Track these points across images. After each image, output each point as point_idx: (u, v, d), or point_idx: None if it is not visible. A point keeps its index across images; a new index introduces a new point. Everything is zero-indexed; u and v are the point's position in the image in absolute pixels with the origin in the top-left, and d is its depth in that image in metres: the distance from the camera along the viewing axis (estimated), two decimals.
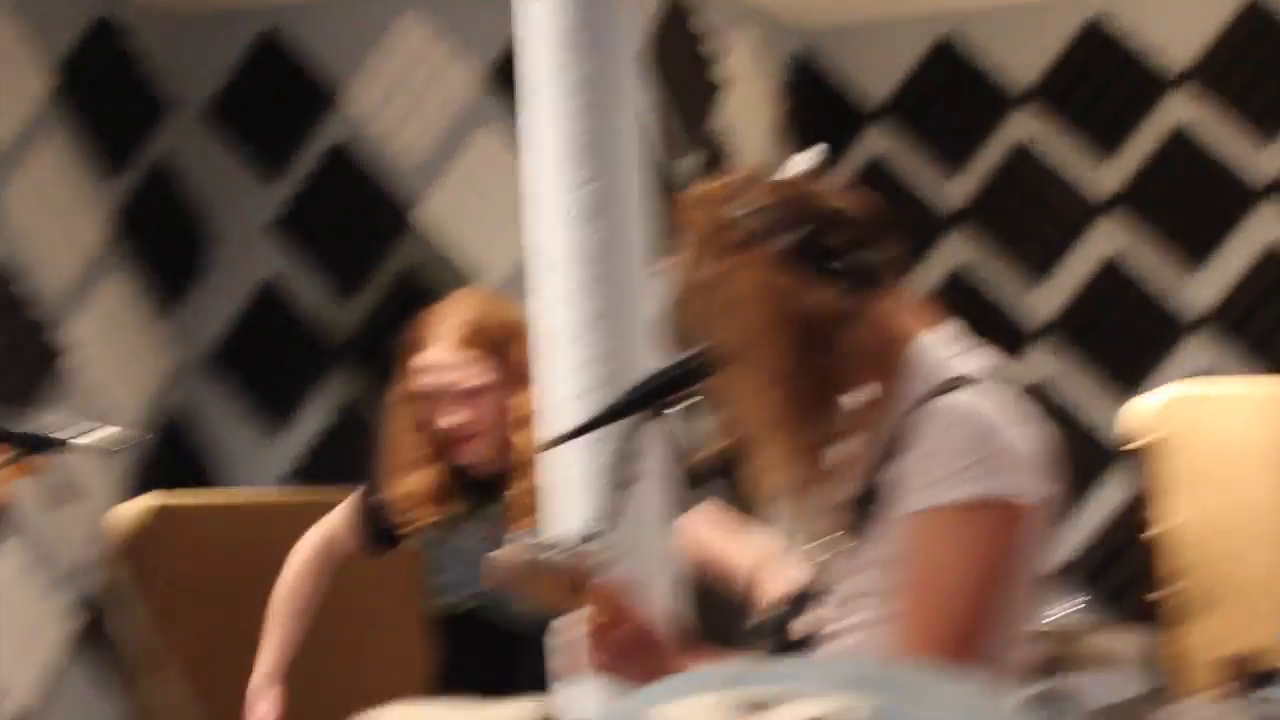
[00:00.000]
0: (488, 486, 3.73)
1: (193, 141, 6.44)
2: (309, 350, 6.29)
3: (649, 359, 3.11)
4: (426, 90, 6.17)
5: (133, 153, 6.24)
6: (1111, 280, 6.60)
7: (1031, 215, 6.67)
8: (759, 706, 1.07)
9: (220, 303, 6.42)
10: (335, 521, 3.87)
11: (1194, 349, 6.55)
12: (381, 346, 6.04)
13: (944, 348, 2.70)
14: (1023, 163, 6.67)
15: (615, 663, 2.49)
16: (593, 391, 3.07)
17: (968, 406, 2.58)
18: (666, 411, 2.79)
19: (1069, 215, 6.65)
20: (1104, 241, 6.58)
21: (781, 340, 2.56)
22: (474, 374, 3.63)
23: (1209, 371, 6.28)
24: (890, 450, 2.60)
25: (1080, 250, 6.63)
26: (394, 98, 6.22)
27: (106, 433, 2.69)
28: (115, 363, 6.03)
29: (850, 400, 2.63)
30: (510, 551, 2.36)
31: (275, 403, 6.33)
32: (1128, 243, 6.57)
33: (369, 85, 6.25)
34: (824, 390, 2.61)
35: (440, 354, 3.64)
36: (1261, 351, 6.40)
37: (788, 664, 1.20)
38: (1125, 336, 6.60)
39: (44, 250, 5.78)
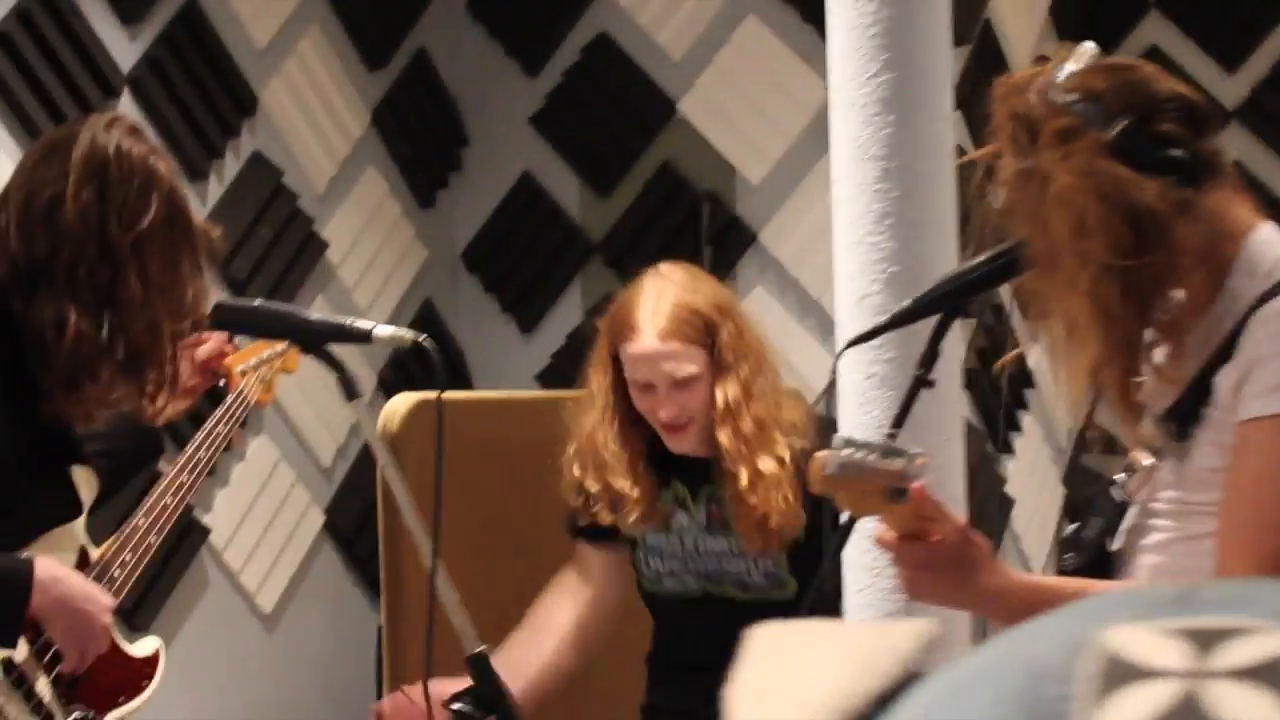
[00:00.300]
0: (697, 469, 3.67)
1: (453, 34, 6.39)
2: (566, 246, 6.25)
3: (944, 258, 3.02)
4: None
5: (393, 46, 6.21)
6: None
7: None
8: (1213, 637, 0.95)
9: (477, 198, 6.40)
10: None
11: None
12: (641, 246, 6.05)
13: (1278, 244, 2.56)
14: None
15: (923, 576, 2.41)
16: (884, 290, 2.99)
17: None
18: (968, 312, 2.71)
19: None
20: None
21: (1110, 234, 2.44)
22: (687, 363, 3.56)
23: None
24: (1223, 352, 2.47)
25: None
26: None
27: (402, 330, 2.64)
28: (372, 257, 6.05)
29: (1178, 297, 2.51)
30: (828, 454, 2.28)
31: (530, 299, 6.30)
32: None
33: None
34: (1152, 288, 2.49)
35: (653, 343, 3.56)
36: None
37: (1234, 588, 1.06)
38: None
39: (305, 144, 5.80)
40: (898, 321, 2.69)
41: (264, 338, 2.77)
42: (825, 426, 3.56)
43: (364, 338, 2.66)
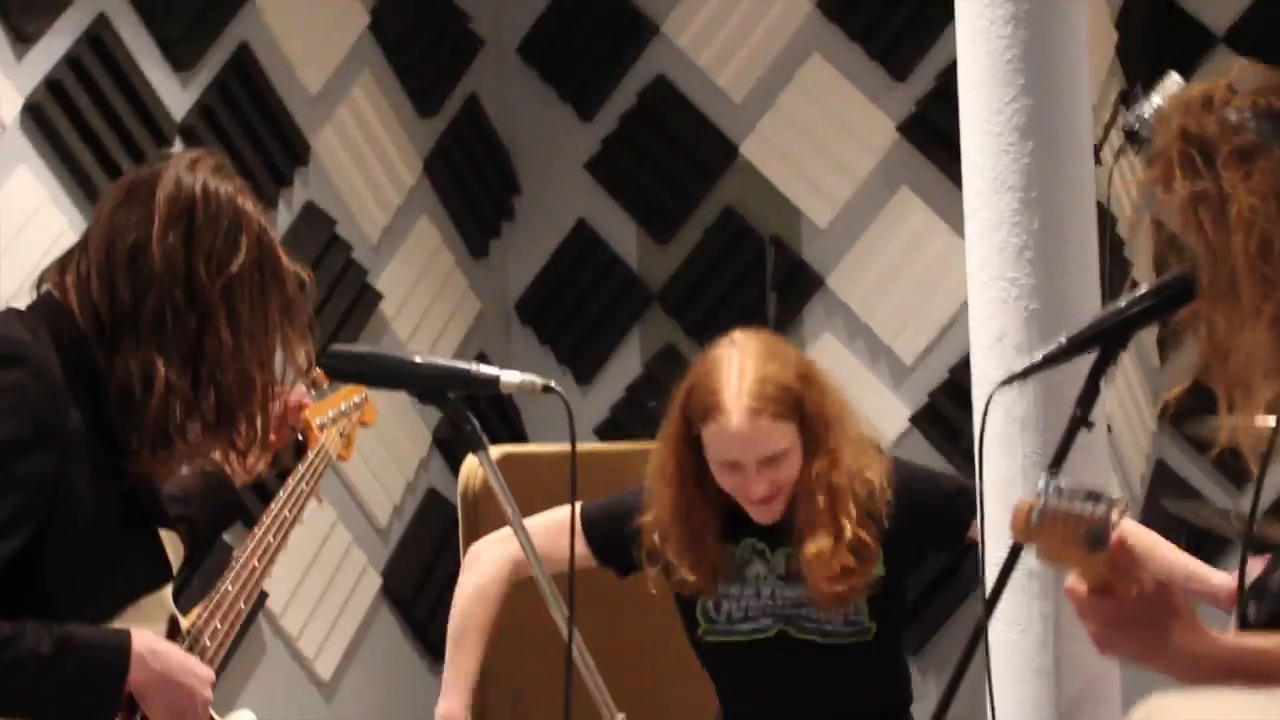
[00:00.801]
0: (776, 528, 3.60)
1: (505, 79, 6.32)
2: (623, 296, 6.14)
3: (1087, 293, 2.89)
4: (754, 15, 5.93)
5: (445, 92, 6.12)
6: None
7: None
8: None
9: (531, 247, 6.30)
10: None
11: None
12: (702, 293, 5.92)
13: None
14: None
15: (1115, 633, 2.25)
16: (1024, 328, 2.86)
17: None
18: (1125, 347, 2.58)
19: None
20: None
21: None
22: (778, 439, 3.49)
23: None
24: None
25: None
26: (715, 26, 6.00)
27: (532, 377, 2.51)
28: (426, 309, 5.94)
29: None
30: (1033, 500, 2.13)
31: (587, 350, 6.19)
32: None
33: (690, 13, 6.03)
34: None
35: (743, 424, 3.47)
36: None
37: None
38: None
39: (358, 193, 5.71)
40: (1055, 359, 2.57)
41: (378, 386, 2.63)
42: (902, 473, 3.62)
43: (491, 384, 2.54)
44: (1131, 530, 3.51)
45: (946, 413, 5.59)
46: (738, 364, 3.53)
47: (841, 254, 5.79)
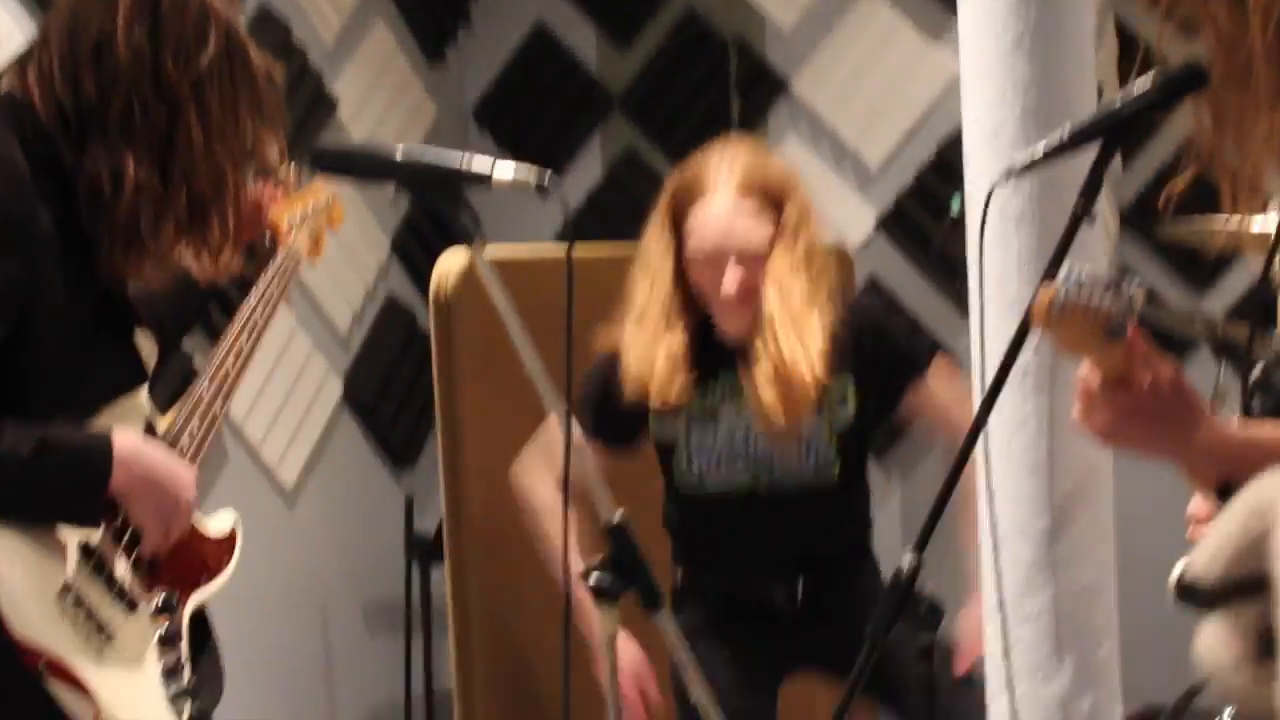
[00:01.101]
0: (743, 359, 3.61)
1: None
2: (583, 100, 6.08)
3: (1083, 84, 2.85)
4: None
5: None
6: None
7: None
8: None
9: (489, 50, 6.21)
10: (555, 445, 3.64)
11: None
12: (665, 98, 5.87)
13: None
14: None
15: (1130, 423, 2.23)
16: (1019, 121, 2.82)
17: None
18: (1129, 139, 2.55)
19: None
20: None
21: None
22: (758, 228, 3.54)
23: None
24: None
25: None
26: None
27: (525, 170, 2.47)
28: (382, 115, 5.86)
29: None
30: (1054, 289, 2.11)
31: (545, 156, 6.08)
32: None
33: None
34: None
35: (728, 206, 3.52)
36: None
37: None
38: None
39: None
40: (1057, 152, 2.55)
41: (368, 181, 2.59)
42: (865, 302, 3.87)
43: (483, 180, 2.52)
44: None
45: (914, 216, 5.56)
46: (729, 153, 3.59)
47: (806, 57, 5.74)
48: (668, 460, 3.73)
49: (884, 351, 3.70)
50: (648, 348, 3.59)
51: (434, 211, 5.96)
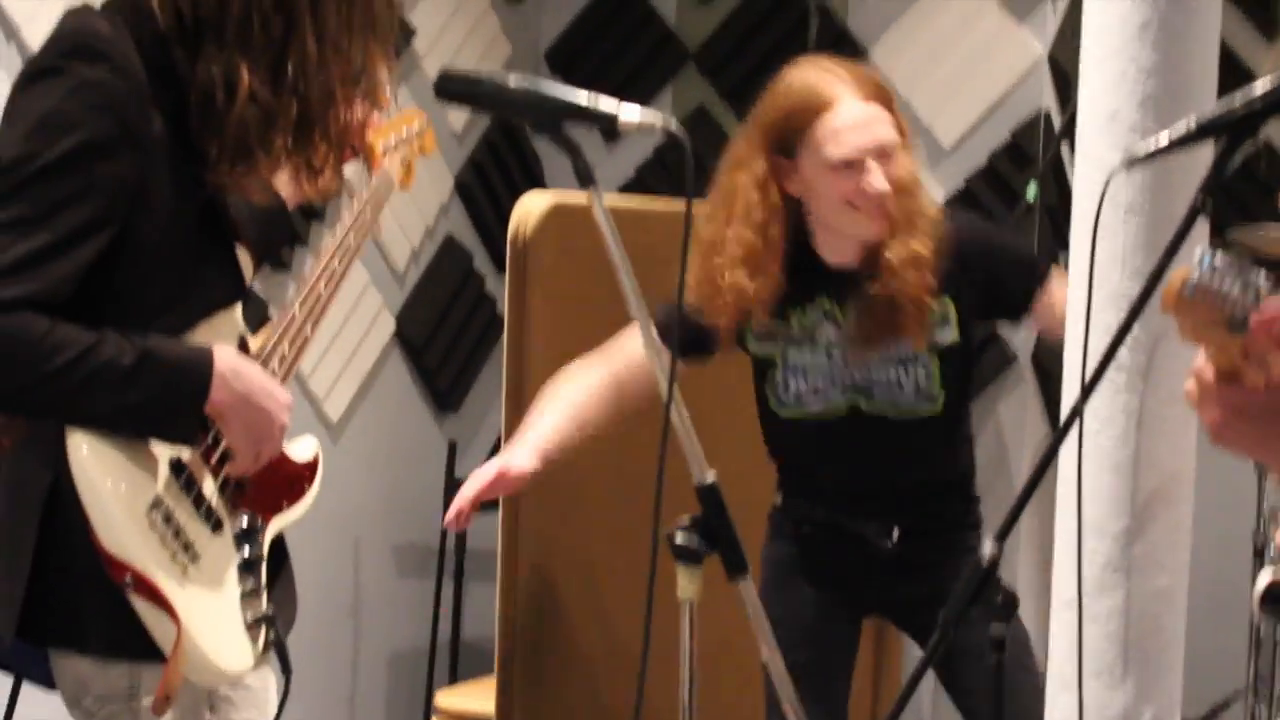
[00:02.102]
0: (846, 281, 3.62)
1: None
2: (658, 52, 6.06)
3: (1206, 75, 2.85)
4: None
5: None
6: None
7: None
8: None
9: None
10: (628, 350, 3.68)
11: None
12: (740, 57, 5.87)
13: None
14: None
15: (1238, 422, 2.24)
16: (1140, 108, 2.82)
17: None
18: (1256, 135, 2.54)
19: None
20: None
21: None
22: (891, 127, 3.55)
23: None
24: None
25: None
26: None
27: (652, 115, 2.45)
28: (458, 48, 5.83)
29: None
30: (1188, 272, 2.12)
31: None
32: None
33: None
34: None
35: (862, 106, 3.51)
36: None
37: None
38: None
39: None
40: (1182, 142, 2.52)
41: (490, 112, 2.59)
42: (972, 223, 3.78)
43: (609, 121, 2.46)
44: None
45: (984, 200, 5.56)
46: (831, 66, 3.61)
47: (887, 25, 5.73)
48: (762, 382, 3.72)
49: (998, 268, 3.69)
50: (748, 273, 3.58)
51: (498, 155, 6.05)
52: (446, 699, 5.01)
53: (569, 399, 3.63)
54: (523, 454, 3.54)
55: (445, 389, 5.95)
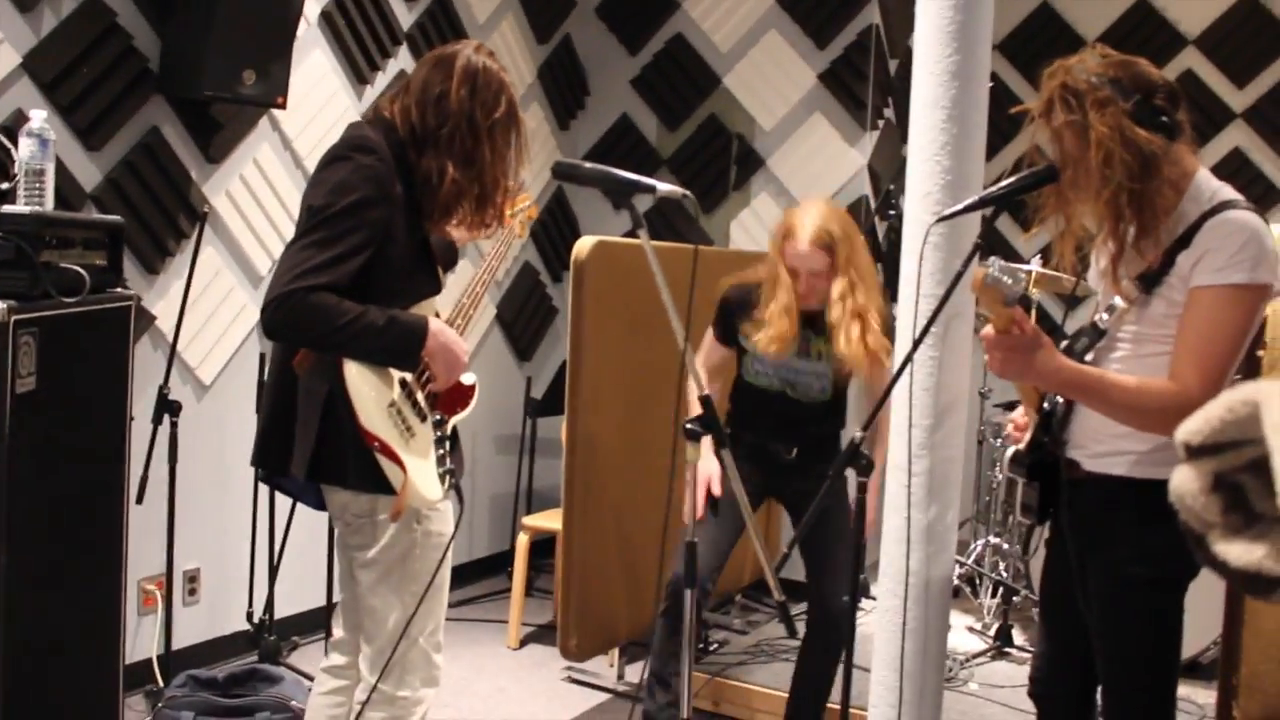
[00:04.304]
0: (815, 323, 3.58)
1: (588, 26, 6.12)
2: (644, 162, 5.98)
3: (977, 171, 2.85)
4: (737, 2, 5.78)
5: (551, 33, 5.94)
6: None
7: None
8: None
9: (594, 126, 6.14)
10: (704, 350, 3.72)
11: None
12: (693, 163, 5.86)
13: (1213, 180, 2.43)
14: None
15: (1010, 356, 2.29)
16: (941, 191, 2.81)
17: (1241, 218, 2.33)
18: (1010, 204, 2.53)
19: None
20: None
21: (1126, 166, 2.32)
22: (820, 263, 3.47)
23: None
24: (1183, 241, 2.35)
25: None
26: (715, 6, 5.83)
27: (675, 187, 2.44)
28: (534, 155, 5.75)
29: (1151, 208, 2.36)
30: (980, 270, 2.16)
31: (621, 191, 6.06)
32: None
33: None
34: (1144, 201, 2.36)
35: (805, 248, 3.47)
36: None
37: None
38: None
39: None
40: (971, 208, 2.54)
41: (583, 185, 2.56)
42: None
43: (650, 189, 2.45)
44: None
45: None
46: (808, 211, 3.53)
47: (778, 146, 5.69)
48: (741, 361, 3.68)
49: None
50: (776, 308, 3.53)
51: (552, 213, 6.02)
52: (529, 520, 5.01)
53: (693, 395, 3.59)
54: (710, 460, 3.55)
55: (523, 346, 5.93)
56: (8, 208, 2.83)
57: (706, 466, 3.55)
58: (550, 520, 4.84)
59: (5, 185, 3.02)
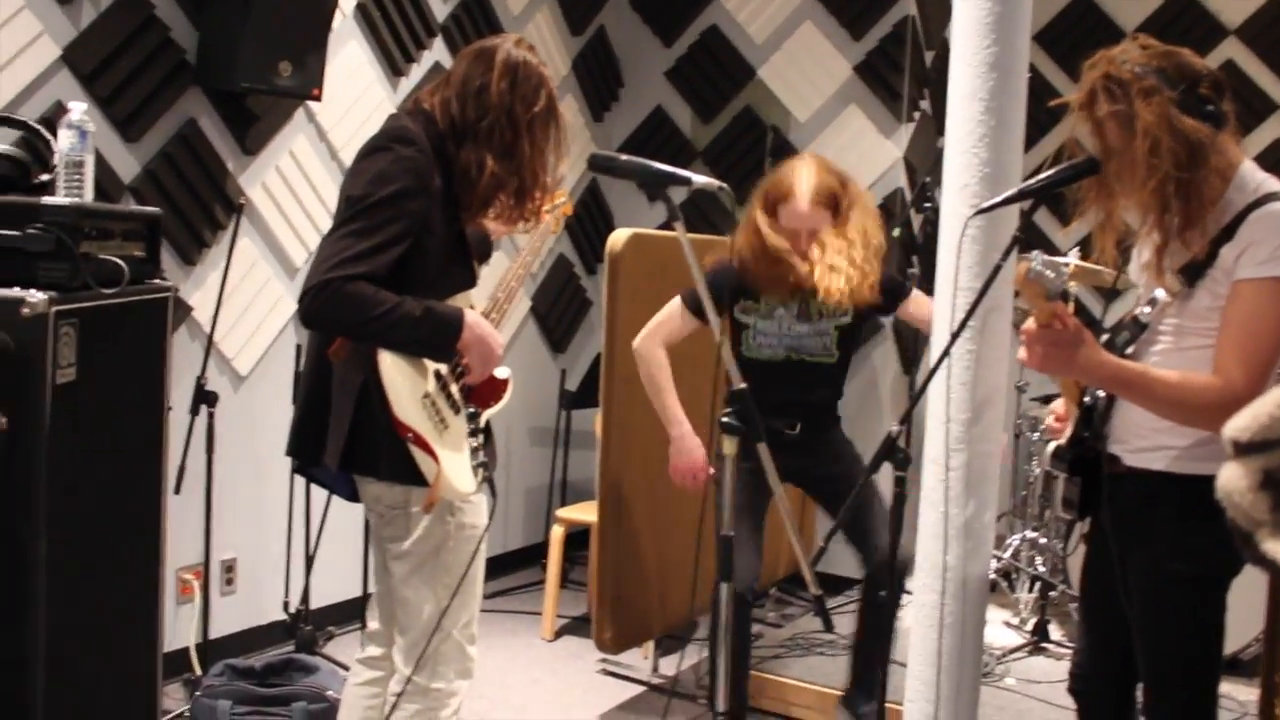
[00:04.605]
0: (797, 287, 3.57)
1: (622, 17, 6.11)
2: (678, 154, 5.97)
3: (1015, 164, 2.81)
4: None
5: (586, 24, 5.93)
6: None
7: None
8: None
9: (629, 119, 6.13)
10: (666, 324, 3.65)
11: None
12: (728, 155, 5.84)
13: (1258, 172, 2.39)
14: None
15: (1051, 351, 2.26)
16: (979, 183, 2.76)
17: None
18: (1050, 196, 2.51)
19: None
20: None
21: (1173, 154, 2.29)
22: (819, 222, 3.47)
23: None
24: (1227, 233, 2.32)
25: None
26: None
27: (710, 179, 2.43)
28: (570, 149, 5.74)
29: (1199, 197, 2.33)
30: (1029, 266, 2.14)
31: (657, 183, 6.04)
32: None
33: None
34: (1192, 190, 2.32)
35: (804, 207, 3.47)
36: None
37: None
38: None
39: None
40: (1009, 200, 2.51)
41: (620, 178, 2.55)
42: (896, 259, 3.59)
43: (686, 182, 2.44)
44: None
45: None
46: (806, 166, 3.52)
47: (813, 138, 5.65)
48: (739, 335, 3.66)
49: (888, 290, 3.66)
50: (754, 262, 3.53)
51: (586, 206, 6.02)
52: (563, 512, 5.01)
53: (668, 381, 3.60)
54: (693, 441, 3.54)
55: (558, 339, 5.94)
56: (48, 199, 2.84)
57: (697, 455, 3.52)
58: (585, 512, 4.85)
59: (45, 177, 3.03)
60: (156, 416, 3.21)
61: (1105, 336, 2.48)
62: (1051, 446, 2.56)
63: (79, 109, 3.11)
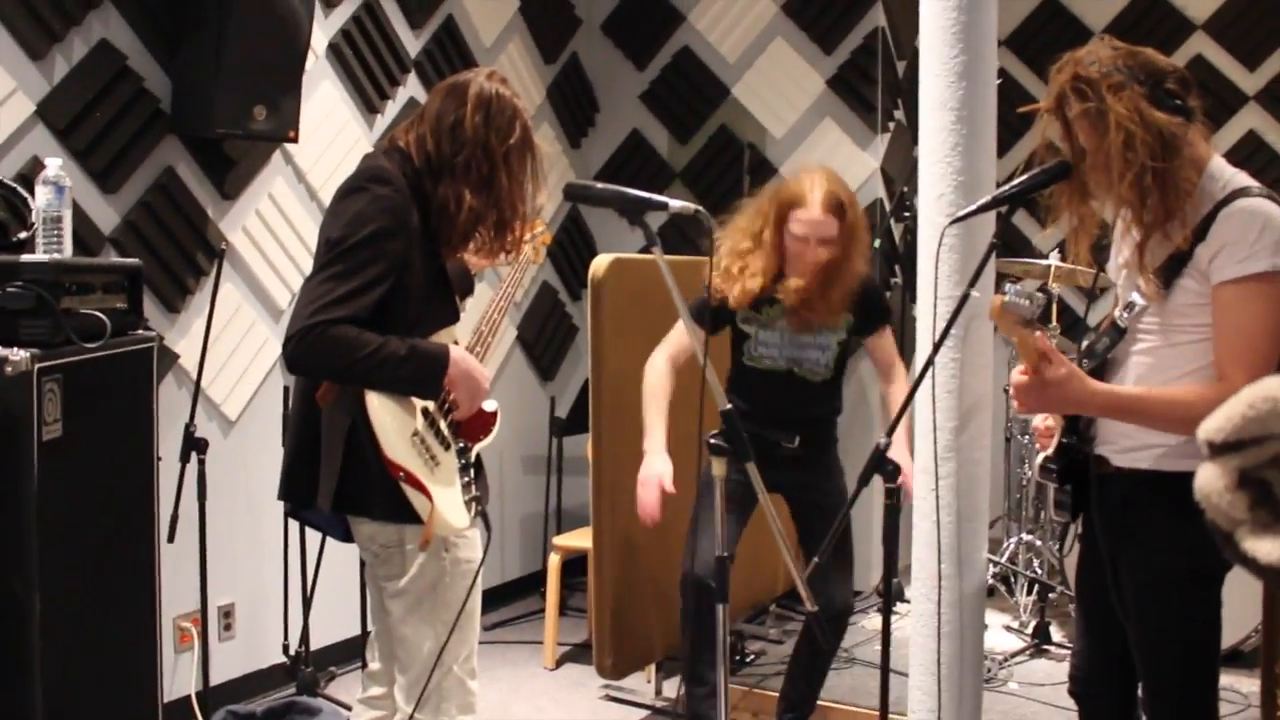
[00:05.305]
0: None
1: (594, 43, 6.12)
2: (657, 177, 5.98)
3: (989, 170, 2.83)
4: (742, 12, 5.78)
5: (559, 51, 5.95)
6: None
7: None
8: None
9: (605, 143, 6.14)
10: (676, 339, 3.66)
11: None
12: (706, 175, 5.85)
13: (1227, 167, 2.41)
14: None
15: (1043, 395, 2.26)
16: (954, 191, 2.79)
17: (1254, 205, 2.31)
18: (1024, 202, 2.53)
19: None
20: None
21: (1148, 147, 2.30)
22: (829, 229, 3.45)
23: None
24: (1199, 233, 2.33)
25: None
26: (720, 17, 5.83)
27: (687, 203, 2.43)
28: (547, 177, 5.74)
29: (1175, 187, 2.34)
30: (998, 296, 2.16)
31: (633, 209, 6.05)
32: None
33: (705, 9, 5.86)
34: (1166, 176, 2.34)
35: (819, 214, 3.45)
36: None
37: None
38: None
39: None
40: (985, 208, 2.53)
41: (596, 205, 2.55)
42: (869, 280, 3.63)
43: (663, 207, 2.45)
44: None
45: None
46: (816, 177, 3.51)
47: (789, 153, 5.68)
48: (740, 345, 3.65)
49: (873, 308, 3.68)
50: (753, 277, 3.53)
51: (568, 232, 6.03)
52: (559, 540, 5.01)
53: (659, 393, 3.57)
54: (661, 459, 3.50)
55: (546, 366, 5.93)
56: (26, 257, 2.84)
57: (655, 467, 3.50)
58: (581, 539, 4.84)
59: (24, 234, 3.04)
60: (146, 466, 3.20)
61: (1087, 343, 2.50)
62: (1039, 458, 2.57)
63: (55, 164, 3.12)
